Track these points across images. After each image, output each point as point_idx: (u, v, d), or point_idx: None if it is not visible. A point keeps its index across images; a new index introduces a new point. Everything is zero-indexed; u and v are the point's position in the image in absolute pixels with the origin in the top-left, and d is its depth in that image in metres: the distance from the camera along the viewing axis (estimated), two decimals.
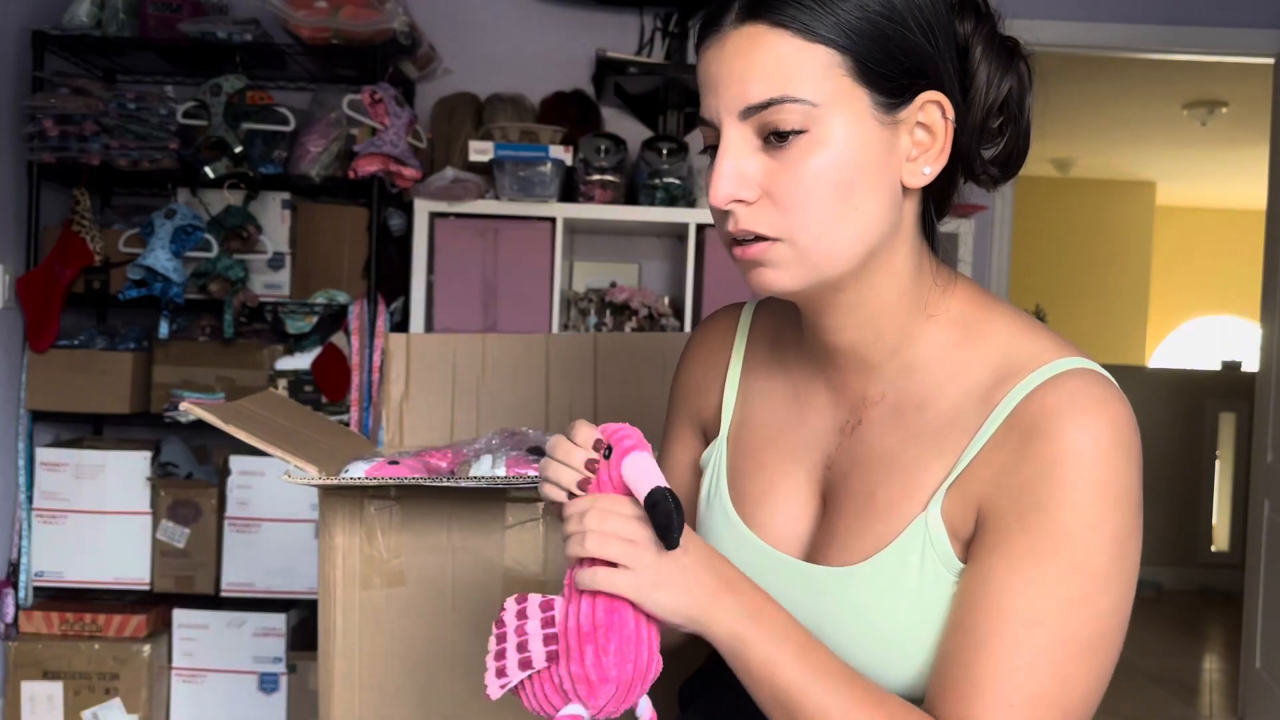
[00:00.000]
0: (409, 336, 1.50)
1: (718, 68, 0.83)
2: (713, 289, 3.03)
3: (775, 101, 0.81)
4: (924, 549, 0.86)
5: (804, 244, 0.84)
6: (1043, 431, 0.82)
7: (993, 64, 0.88)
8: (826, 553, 0.91)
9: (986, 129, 0.89)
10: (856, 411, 0.94)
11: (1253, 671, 3.55)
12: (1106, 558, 0.81)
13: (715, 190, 0.84)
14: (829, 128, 0.81)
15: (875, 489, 0.89)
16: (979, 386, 0.87)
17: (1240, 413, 5.51)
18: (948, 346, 0.90)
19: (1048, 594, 0.81)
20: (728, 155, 0.84)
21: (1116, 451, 0.81)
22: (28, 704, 2.85)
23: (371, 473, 1.22)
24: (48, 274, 2.94)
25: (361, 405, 2.94)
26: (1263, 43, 3.43)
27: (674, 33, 3.25)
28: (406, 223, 3.06)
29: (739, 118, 0.83)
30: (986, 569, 0.83)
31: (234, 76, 2.94)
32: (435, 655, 1.31)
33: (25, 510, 2.93)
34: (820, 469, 0.95)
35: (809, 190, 0.82)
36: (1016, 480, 0.82)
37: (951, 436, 0.87)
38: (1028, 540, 0.81)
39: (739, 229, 0.85)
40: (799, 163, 0.82)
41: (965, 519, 0.85)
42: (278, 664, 2.93)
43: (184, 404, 1.26)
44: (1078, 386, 0.83)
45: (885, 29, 0.81)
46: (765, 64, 0.81)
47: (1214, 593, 5.50)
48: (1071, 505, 0.80)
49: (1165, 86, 5.12)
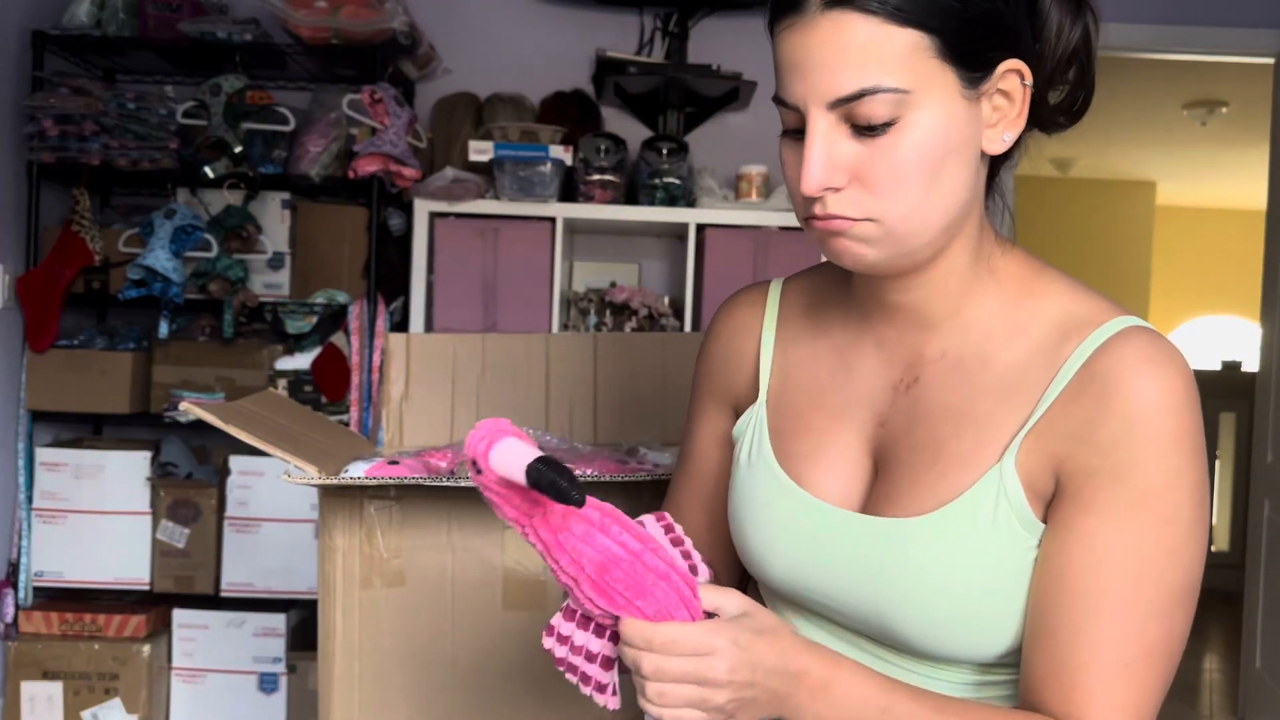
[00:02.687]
0: (409, 336, 1.50)
1: (804, 54, 0.82)
2: (713, 289, 3.03)
3: (866, 93, 0.80)
4: (997, 501, 0.85)
5: (892, 224, 0.83)
6: (1120, 388, 0.83)
7: (1062, 13, 0.88)
8: (888, 505, 0.90)
9: (1056, 78, 0.89)
10: (912, 369, 0.93)
11: (1253, 671, 3.55)
12: (1192, 507, 0.83)
13: (807, 179, 0.82)
14: (919, 111, 0.81)
15: (945, 441, 0.88)
16: (1044, 341, 0.88)
17: (1240, 413, 5.51)
18: (1007, 304, 0.90)
19: (1150, 548, 0.82)
20: (816, 143, 0.82)
21: (1189, 404, 0.84)
22: (28, 704, 2.85)
23: (371, 473, 1.22)
24: (48, 274, 2.93)
25: (361, 405, 2.93)
26: (1263, 43, 3.43)
27: (674, 33, 3.25)
28: (406, 223, 3.06)
29: (828, 107, 0.82)
30: (1086, 529, 0.83)
31: (234, 76, 2.94)
32: (435, 655, 1.31)
33: (25, 510, 2.93)
34: (872, 426, 0.94)
35: (901, 175, 0.81)
36: (1100, 437, 0.83)
37: (1022, 390, 0.87)
38: (1124, 497, 0.82)
39: (827, 214, 0.84)
40: (891, 149, 0.81)
41: (1043, 474, 0.85)
42: (277, 664, 2.93)
43: (184, 404, 1.26)
44: (1146, 342, 0.85)
45: (971, 4, 0.80)
46: (854, 52, 0.80)
47: (1214, 593, 5.47)
48: (1158, 459, 0.82)
49: (1165, 86, 5.12)
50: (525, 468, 0.74)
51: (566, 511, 0.79)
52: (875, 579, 0.88)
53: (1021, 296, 0.91)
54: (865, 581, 0.89)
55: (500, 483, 0.78)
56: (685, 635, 0.78)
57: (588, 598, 0.80)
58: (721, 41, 3.30)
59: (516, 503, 0.79)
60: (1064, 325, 0.88)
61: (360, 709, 1.30)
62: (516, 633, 1.33)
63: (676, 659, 0.78)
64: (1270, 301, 3.49)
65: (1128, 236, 7.39)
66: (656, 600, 0.79)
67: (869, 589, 0.89)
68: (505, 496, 0.79)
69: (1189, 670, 4.34)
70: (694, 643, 0.78)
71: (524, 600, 1.33)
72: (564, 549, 0.79)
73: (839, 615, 0.93)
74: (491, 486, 0.79)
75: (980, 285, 0.91)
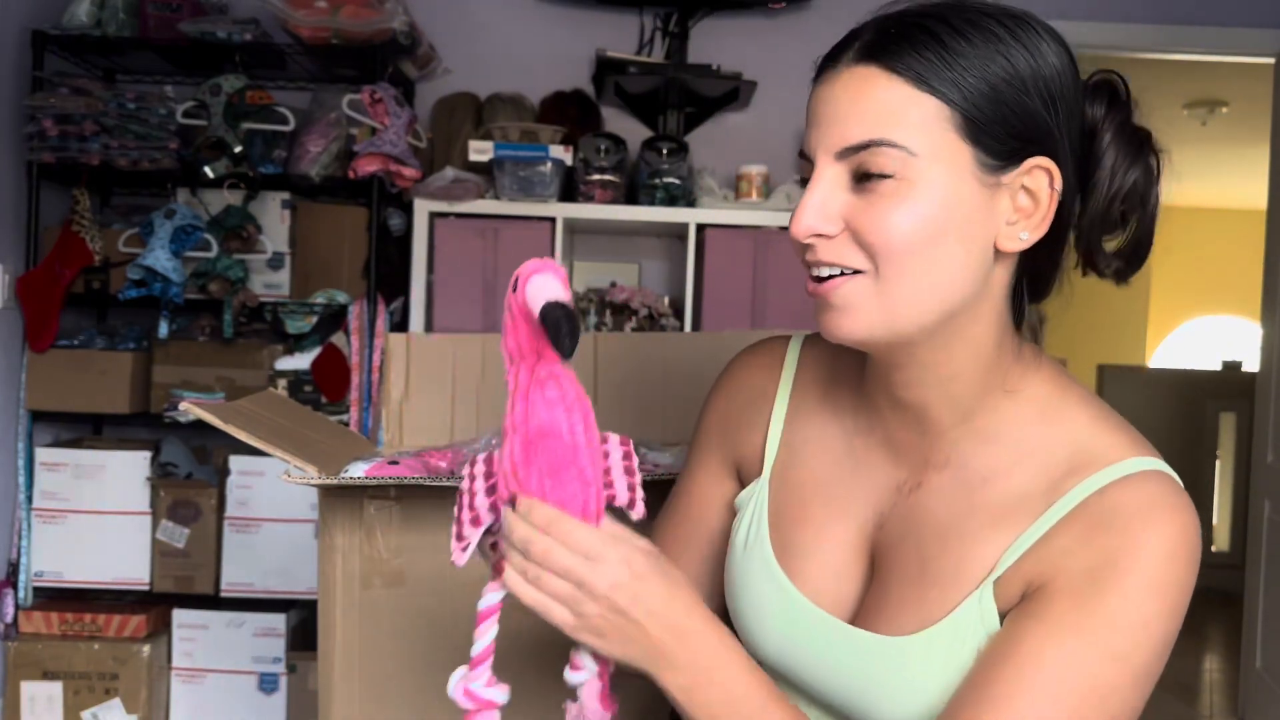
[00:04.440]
0: (409, 336, 1.50)
1: (825, 105, 0.82)
2: (713, 289, 3.03)
3: (874, 144, 0.79)
4: (976, 628, 0.84)
5: (885, 279, 0.81)
6: (1113, 527, 0.80)
7: (1120, 152, 0.85)
8: (876, 619, 0.89)
9: (1109, 218, 0.86)
10: (917, 473, 0.91)
11: (1253, 671, 3.55)
12: (1148, 657, 0.80)
13: (797, 222, 0.82)
14: (924, 178, 0.79)
15: (929, 559, 0.87)
16: (1049, 471, 0.85)
17: (1240, 413, 5.51)
18: (1023, 424, 0.88)
19: (1088, 675, 0.79)
20: (816, 190, 0.82)
21: (1182, 559, 0.80)
22: (27, 704, 2.85)
23: (371, 473, 1.22)
24: (47, 274, 2.93)
25: (361, 405, 2.93)
26: (1263, 43, 3.43)
27: (674, 33, 3.26)
28: (406, 223, 3.06)
29: (835, 157, 0.81)
30: (1023, 631, 0.81)
31: (234, 76, 2.94)
32: (435, 655, 1.31)
33: (25, 510, 2.93)
34: (871, 527, 0.92)
35: (895, 229, 0.80)
36: (1076, 563, 0.81)
37: (1014, 516, 0.85)
38: (1075, 616, 0.80)
39: (815, 259, 0.83)
40: (886, 205, 0.80)
41: (1015, 597, 0.84)
42: (277, 664, 2.93)
43: (184, 404, 1.26)
44: (1154, 490, 0.82)
45: (1004, 93, 0.79)
46: (871, 106, 0.79)
47: (1214, 593, 5.49)
48: (1127, 597, 0.79)
49: (1165, 86, 5.12)
50: (545, 302, 0.76)
51: (553, 374, 0.80)
52: (862, 685, 0.88)
53: (1039, 420, 0.87)
54: (851, 684, 0.89)
55: (522, 308, 0.79)
56: (583, 533, 0.78)
57: (511, 453, 0.80)
58: (721, 41, 3.30)
59: (522, 336, 0.81)
60: (1075, 458, 0.85)
61: (360, 709, 1.30)
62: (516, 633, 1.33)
63: (565, 552, 0.77)
64: (1270, 301, 3.50)
65: None
66: (563, 493, 0.79)
67: (855, 691, 0.88)
68: (516, 324, 0.80)
69: (1189, 670, 4.34)
70: (588, 543, 0.78)
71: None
72: (527, 399, 0.79)
73: (822, 700, 0.93)
74: (514, 307, 0.80)
75: (994, 400, 0.88)
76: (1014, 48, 0.80)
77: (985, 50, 0.79)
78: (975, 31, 0.80)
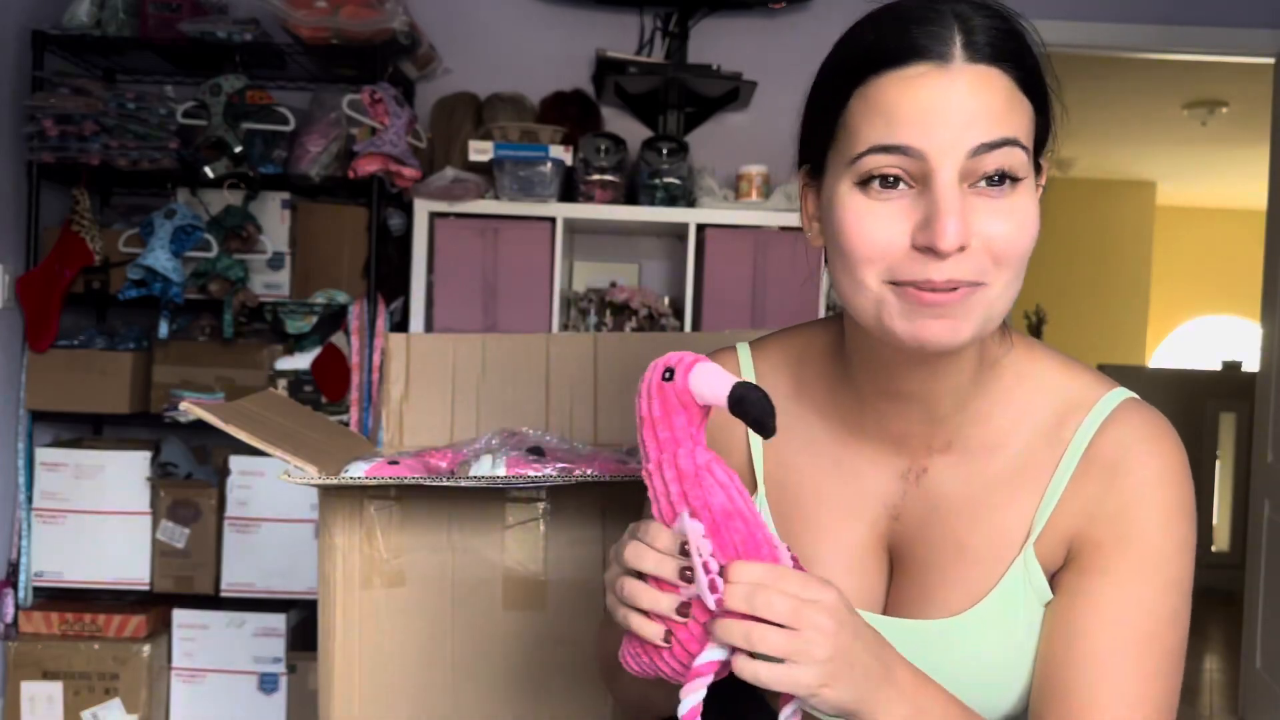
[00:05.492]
0: (409, 336, 1.50)
1: (946, 101, 0.78)
2: (713, 289, 3.03)
3: (1009, 142, 0.79)
4: (1025, 592, 0.87)
5: (998, 292, 0.81)
6: (1125, 465, 0.87)
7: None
8: (914, 606, 0.90)
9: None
10: (919, 459, 0.92)
11: (1253, 671, 3.55)
12: (1190, 571, 0.88)
13: (947, 233, 0.77)
14: (1030, 183, 0.82)
15: (963, 537, 0.89)
16: (1043, 424, 0.90)
17: (1240, 413, 5.51)
18: (1010, 392, 0.91)
19: (1158, 610, 0.85)
20: (956, 195, 0.78)
21: (1185, 473, 0.89)
22: (27, 704, 2.85)
23: (371, 473, 1.22)
24: (47, 274, 2.93)
25: (361, 405, 2.93)
26: (1263, 43, 3.43)
27: (674, 33, 3.25)
28: (406, 223, 3.06)
29: (967, 156, 0.78)
30: (1094, 594, 0.86)
31: (234, 76, 2.94)
32: (435, 655, 1.31)
33: (25, 510, 2.93)
34: (885, 521, 0.93)
35: (1021, 237, 0.80)
36: (1106, 510, 0.87)
37: (1029, 476, 0.89)
38: (1130, 563, 0.86)
39: (945, 278, 0.78)
40: (1018, 210, 0.80)
41: (1057, 554, 0.88)
42: (277, 664, 2.93)
43: (184, 404, 1.26)
44: (1140, 419, 0.89)
45: (1050, 92, 0.84)
46: (999, 105, 0.79)
47: (1214, 593, 5.49)
48: (1164, 527, 0.86)
49: (1165, 86, 5.12)
50: (733, 384, 0.77)
51: (713, 455, 0.81)
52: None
53: (1020, 384, 0.92)
54: None
55: (682, 397, 0.79)
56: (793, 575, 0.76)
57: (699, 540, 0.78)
58: (721, 41, 3.30)
59: (678, 423, 0.80)
60: (1059, 407, 0.90)
61: (360, 709, 1.30)
62: (516, 633, 1.33)
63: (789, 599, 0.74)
64: (1270, 301, 3.50)
65: (1128, 236, 7.39)
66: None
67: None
68: (672, 413, 0.80)
69: (1189, 670, 4.33)
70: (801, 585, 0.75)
71: (524, 600, 1.33)
72: (700, 486, 0.79)
73: None
74: (672, 398, 0.80)
75: (983, 376, 0.91)
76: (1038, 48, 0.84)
77: (1038, 57, 0.83)
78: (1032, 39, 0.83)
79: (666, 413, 0.80)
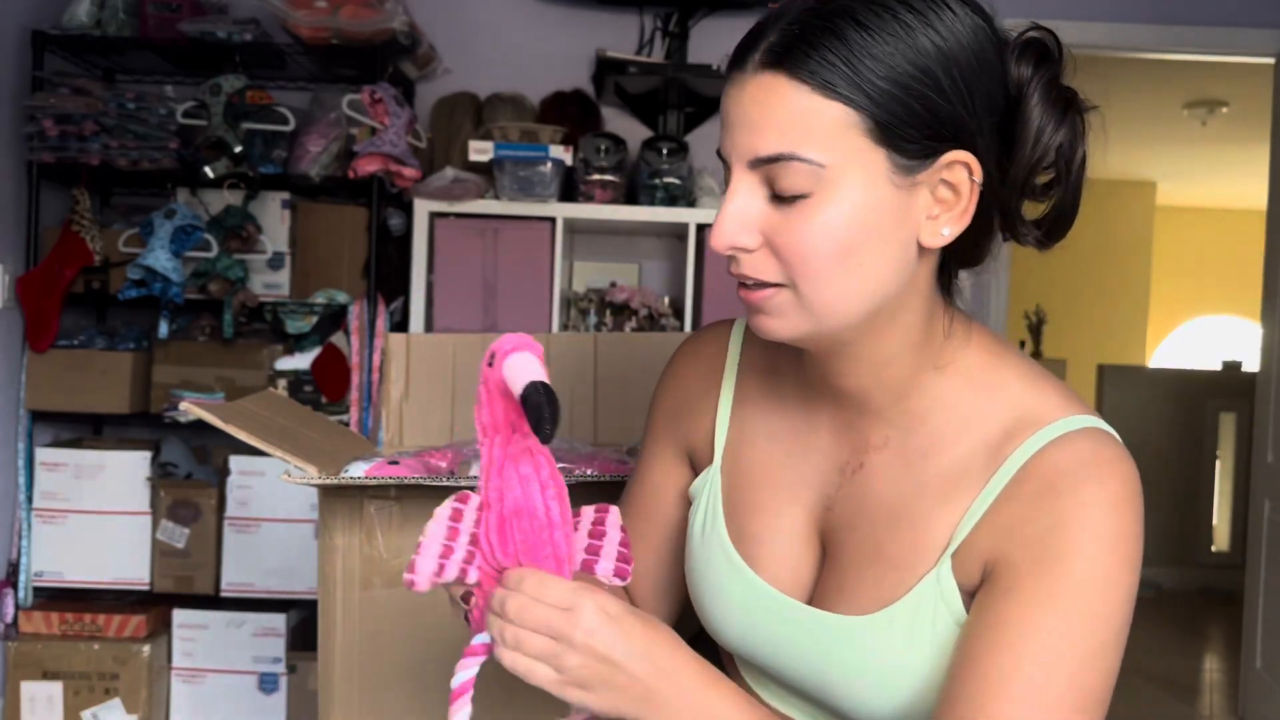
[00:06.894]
0: (409, 337, 1.50)
1: (736, 111, 0.81)
2: (713, 289, 3.03)
3: (783, 157, 0.78)
4: (935, 605, 0.84)
5: (805, 294, 0.81)
6: (1058, 488, 0.81)
7: (1045, 115, 0.82)
8: (835, 599, 0.90)
9: (1030, 185, 0.84)
10: (858, 454, 0.92)
11: (1253, 671, 3.55)
12: (1120, 609, 0.81)
13: (717, 235, 0.81)
14: (837, 189, 0.78)
15: (883, 540, 0.88)
16: (989, 438, 0.86)
17: (1240, 413, 5.51)
18: (957, 397, 0.88)
19: (1069, 640, 0.79)
20: (732, 201, 0.81)
21: (1128, 510, 0.81)
22: (27, 704, 2.85)
23: (371, 473, 1.22)
24: (47, 274, 2.93)
25: (361, 405, 2.93)
26: (1263, 43, 3.43)
27: (674, 33, 3.25)
28: (406, 223, 3.06)
29: (748, 166, 0.80)
30: (1000, 614, 0.81)
31: (234, 76, 2.94)
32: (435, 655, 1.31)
33: (25, 510, 2.93)
34: (819, 509, 0.93)
35: (811, 247, 0.79)
36: (1030, 531, 0.81)
37: (960, 488, 0.85)
38: (1043, 587, 0.80)
39: (739, 273, 0.83)
40: (802, 222, 0.79)
41: (975, 572, 0.84)
42: (277, 664, 2.93)
43: (184, 404, 1.26)
44: (1091, 446, 0.82)
45: (913, 90, 0.77)
46: (778, 116, 0.78)
47: (1214, 593, 5.50)
48: (1089, 558, 0.80)
49: (1165, 86, 5.12)
50: (526, 383, 0.76)
51: (527, 448, 0.80)
52: (823, 665, 0.89)
53: (973, 390, 0.88)
54: (814, 665, 0.90)
55: (500, 385, 0.79)
56: (555, 584, 0.78)
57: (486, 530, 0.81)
58: (721, 41, 3.30)
59: (497, 411, 0.81)
60: (1011, 423, 0.85)
61: (360, 709, 1.30)
62: None
63: (540, 606, 0.78)
64: (1270, 301, 3.50)
65: (1128, 236, 7.39)
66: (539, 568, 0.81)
67: (817, 671, 0.89)
68: (493, 400, 0.81)
69: (1189, 670, 4.34)
70: (559, 593, 0.78)
71: None
72: (501, 475, 0.80)
73: (788, 683, 0.94)
74: (490, 382, 0.80)
75: (926, 378, 0.88)
76: (921, 35, 0.77)
77: (892, 45, 0.77)
78: (880, 24, 0.77)
79: (489, 398, 0.81)
